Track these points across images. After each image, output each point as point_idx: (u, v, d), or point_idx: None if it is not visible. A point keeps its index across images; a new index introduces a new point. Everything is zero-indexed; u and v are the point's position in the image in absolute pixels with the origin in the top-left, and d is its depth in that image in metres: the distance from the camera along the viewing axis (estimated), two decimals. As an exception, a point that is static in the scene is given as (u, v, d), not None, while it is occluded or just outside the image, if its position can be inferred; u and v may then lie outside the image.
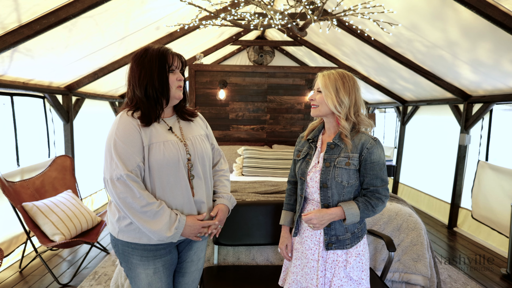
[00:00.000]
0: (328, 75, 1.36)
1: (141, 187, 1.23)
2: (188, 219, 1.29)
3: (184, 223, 1.27)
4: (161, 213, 1.23)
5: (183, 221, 1.27)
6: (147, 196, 1.23)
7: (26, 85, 2.99)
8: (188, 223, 1.28)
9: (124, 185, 1.20)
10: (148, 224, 1.22)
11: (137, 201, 1.20)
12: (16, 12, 2.05)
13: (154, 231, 1.23)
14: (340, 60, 5.28)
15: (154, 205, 1.22)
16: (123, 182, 1.19)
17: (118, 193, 1.20)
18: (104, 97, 4.63)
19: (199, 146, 1.39)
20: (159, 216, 1.23)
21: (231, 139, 4.26)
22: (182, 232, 1.27)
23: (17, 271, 2.75)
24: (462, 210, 3.96)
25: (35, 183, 2.92)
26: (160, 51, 1.29)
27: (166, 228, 1.23)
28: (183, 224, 1.27)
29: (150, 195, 1.24)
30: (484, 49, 2.75)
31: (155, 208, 1.22)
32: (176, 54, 1.33)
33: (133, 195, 1.20)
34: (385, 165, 1.38)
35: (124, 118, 1.26)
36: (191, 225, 1.29)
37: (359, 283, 1.35)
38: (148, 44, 1.34)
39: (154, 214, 1.22)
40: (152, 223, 1.22)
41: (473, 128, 3.83)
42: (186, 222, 1.28)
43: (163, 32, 3.58)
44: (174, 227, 1.24)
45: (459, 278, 2.77)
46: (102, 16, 2.56)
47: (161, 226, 1.22)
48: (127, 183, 1.20)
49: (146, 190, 1.25)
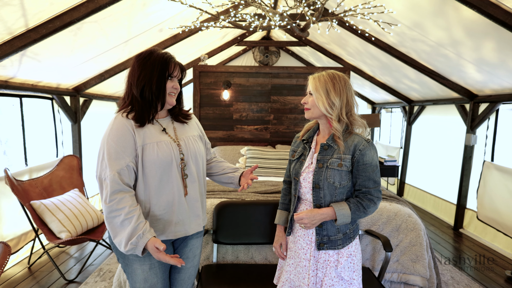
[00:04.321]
0: (319, 77, 1.38)
1: (119, 191, 1.23)
2: (148, 244, 1.20)
3: (144, 244, 1.20)
4: (126, 224, 1.20)
5: (144, 240, 1.19)
6: (118, 202, 1.21)
7: (35, 87, 3.09)
8: (148, 246, 1.21)
9: (106, 186, 1.24)
10: (112, 231, 1.23)
11: (107, 205, 1.22)
12: (24, 18, 2.13)
13: (116, 241, 1.23)
14: (345, 60, 5.26)
15: (123, 211, 1.20)
16: (107, 183, 1.23)
17: (105, 192, 1.24)
18: (111, 98, 4.72)
19: (192, 146, 1.43)
20: (123, 227, 1.21)
21: (235, 139, 4.29)
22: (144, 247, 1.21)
23: (25, 267, 2.85)
24: (468, 211, 3.91)
25: (43, 182, 3.01)
26: (163, 58, 1.33)
27: (125, 240, 1.20)
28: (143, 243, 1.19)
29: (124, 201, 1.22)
30: (488, 48, 2.71)
31: (123, 214, 1.20)
32: (178, 63, 1.37)
33: (105, 198, 1.23)
34: (378, 167, 1.39)
35: (119, 120, 1.30)
36: (149, 248, 1.21)
37: (350, 283, 1.37)
38: (154, 47, 1.37)
39: (120, 222, 1.21)
40: (115, 230, 1.22)
41: (479, 128, 3.77)
42: (147, 245, 1.20)
43: (166, 34, 3.64)
44: (130, 242, 1.19)
45: (462, 280, 2.74)
46: (106, 20, 2.63)
47: (121, 237, 1.21)
48: (108, 184, 1.22)
49: (125, 194, 1.23)
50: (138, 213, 1.24)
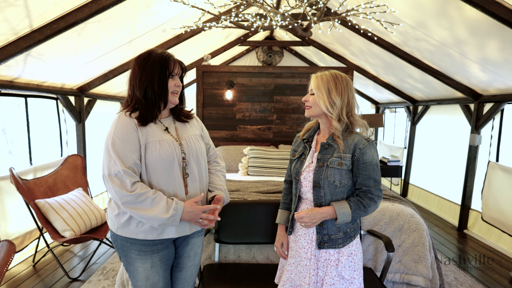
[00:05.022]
0: (321, 76, 1.38)
1: (137, 181, 1.28)
2: (186, 204, 1.30)
3: (183, 207, 1.29)
4: (158, 200, 1.27)
5: (181, 204, 1.29)
6: (140, 188, 1.26)
7: (39, 87, 3.12)
8: (187, 209, 1.30)
9: (121, 181, 1.25)
10: (146, 212, 1.26)
11: (131, 193, 1.25)
12: (28, 18, 2.15)
13: (152, 217, 1.25)
14: (348, 60, 5.24)
15: (149, 193, 1.26)
16: (120, 177, 1.25)
17: (116, 188, 1.25)
18: (115, 98, 4.76)
19: (194, 146, 1.44)
20: (156, 203, 1.27)
21: (238, 139, 4.30)
22: (181, 216, 1.29)
23: (30, 265, 2.88)
24: (472, 212, 3.88)
25: (47, 181, 3.04)
26: (162, 57, 1.34)
27: (164, 211, 1.26)
28: (182, 206, 1.29)
29: (143, 186, 1.28)
30: (492, 47, 2.69)
31: (151, 195, 1.26)
32: (177, 61, 1.38)
33: (128, 189, 1.25)
34: (378, 166, 1.39)
35: (122, 118, 1.32)
36: (190, 209, 1.30)
37: (351, 282, 1.36)
38: (152, 48, 1.39)
39: (151, 202, 1.26)
40: (149, 210, 1.26)
41: (484, 128, 3.74)
42: (184, 208, 1.29)
43: (170, 35, 3.66)
44: (172, 208, 1.27)
45: (465, 281, 2.72)
46: (109, 21, 2.65)
47: (158, 210, 1.26)
48: (124, 178, 1.25)
49: (141, 182, 1.29)
50: (160, 192, 1.30)
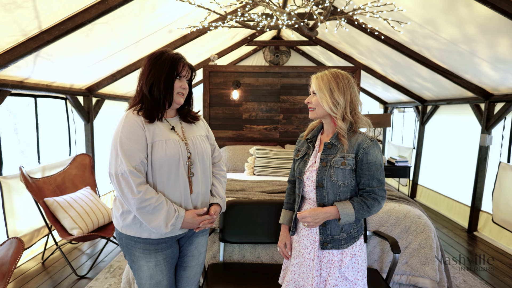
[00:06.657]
0: (322, 76, 1.36)
1: (142, 183, 1.29)
2: (186, 215, 1.35)
3: (182, 220, 1.33)
4: (159, 209, 1.29)
5: (181, 218, 1.33)
6: (145, 193, 1.27)
7: (49, 87, 3.18)
8: (187, 219, 1.35)
9: (127, 181, 1.27)
10: (146, 220, 1.29)
11: (135, 197, 1.26)
12: (37, 20, 2.19)
13: (152, 227, 1.30)
14: (356, 59, 5.19)
15: (152, 200, 1.28)
16: (126, 177, 1.26)
17: (122, 187, 1.27)
18: (123, 98, 4.81)
19: (200, 146, 1.45)
20: (157, 212, 1.29)
21: (244, 139, 4.30)
22: (181, 226, 1.34)
23: (39, 262, 2.93)
24: (482, 213, 3.80)
25: (56, 179, 3.09)
26: (173, 58, 1.36)
27: (163, 224, 1.29)
28: (181, 220, 1.33)
29: (148, 191, 1.29)
30: (503, 45, 2.63)
31: (153, 202, 1.28)
32: (187, 64, 1.40)
33: (132, 191, 1.27)
34: (382, 166, 1.37)
35: (130, 117, 1.34)
36: (190, 221, 1.36)
37: (354, 283, 1.35)
38: (166, 48, 1.41)
39: (152, 209, 1.28)
40: (150, 218, 1.29)
41: (495, 128, 3.66)
42: (185, 218, 1.34)
43: (176, 35, 3.68)
44: (171, 223, 1.30)
45: (475, 284, 2.66)
46: (116, 22, 2.68)
47: (158, 222, 1.29)
48: (129, 179, 1.26)
49: (147, 185, 1.31)
50: (164, 198, 1.32)
